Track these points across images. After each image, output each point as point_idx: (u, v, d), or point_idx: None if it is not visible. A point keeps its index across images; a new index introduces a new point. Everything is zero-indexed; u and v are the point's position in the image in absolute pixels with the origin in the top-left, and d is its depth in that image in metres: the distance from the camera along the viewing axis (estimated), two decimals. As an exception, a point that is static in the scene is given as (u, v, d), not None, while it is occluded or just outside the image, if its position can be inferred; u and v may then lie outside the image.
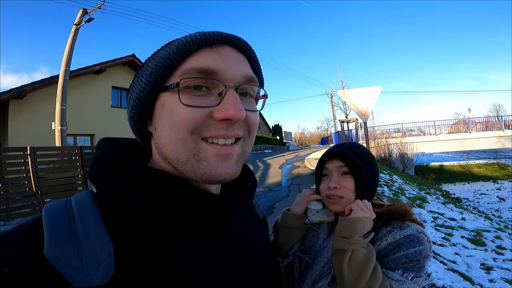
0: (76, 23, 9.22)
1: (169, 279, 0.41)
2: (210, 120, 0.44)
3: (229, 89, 0.45)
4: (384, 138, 16.31)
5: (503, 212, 11.02)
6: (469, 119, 22.02)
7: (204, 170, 0.44)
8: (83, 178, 6.81)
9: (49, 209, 0.41)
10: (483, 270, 3.43)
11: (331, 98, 27.81)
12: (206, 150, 0.44)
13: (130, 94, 0.52)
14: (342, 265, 0.77)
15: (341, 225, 0.82)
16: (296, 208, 0.96)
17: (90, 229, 0.39)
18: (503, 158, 28.35)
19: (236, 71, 0.46)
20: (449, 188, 15.91)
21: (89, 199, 0.44)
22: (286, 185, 8.39)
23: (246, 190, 0.56)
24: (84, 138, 12.66)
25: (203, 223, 0.48)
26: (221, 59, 0.46)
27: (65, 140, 8.90)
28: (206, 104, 0.44)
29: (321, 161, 0.95)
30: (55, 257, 0.35)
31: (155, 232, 0.44)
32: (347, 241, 0.78)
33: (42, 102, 10.64)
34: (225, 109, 0.43)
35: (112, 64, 13.42)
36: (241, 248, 0.54)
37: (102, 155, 0.49)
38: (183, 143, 0.44)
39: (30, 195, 5.85)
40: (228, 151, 0.45)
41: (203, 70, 0.44)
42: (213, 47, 0.47)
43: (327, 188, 0.90)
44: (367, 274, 0.75)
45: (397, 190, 7.47)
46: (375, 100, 7.49)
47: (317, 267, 0.87)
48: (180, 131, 0.44)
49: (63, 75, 8.94)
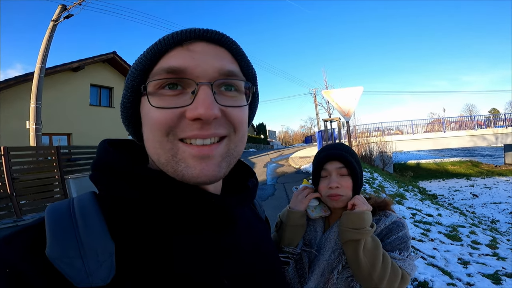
0: (54, 19, 8.81)
1: (171, 279, 0.41)
2: (184, 120, 0.43)
3: (201, 86, 0.43)
4: (365, 137, 16.75)
5: (477, 208, 11.55)
6: (443, 118, 22.91)
7: (182, 172, 0.43)
8: (60, 179, 6.55)
9: (51, 210, 0.41)
10: (460, 265, 3.59)
11: (315, 98, 28.15)
12: (184, 151, 0.43)
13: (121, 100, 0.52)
14: (358, 253, 0.86)
15: (350, 219, 0.90)
16: (299, 206, 1.01)
17: (91, 230, 0.39)
18: (476, 156, 29.84)
19: (207, 66, 0.44)
20: (426, 185, 16.49)
21: (91, 199, 0.44)
22: (271, 183, 8.44)
23: (247, 190, 0.56)
24: (60, 138, 12.14)
25: (205, 223, 0.48)
26: (190, 56, 0.44)
27: (40, 139, 8.51)
28: (179, 104, 0.43)
29: (320, 162, 1.01)
30: (57, 257, 0.35)
31: (157, 232, 0.44)
32: (360, 231, 0.87)
33: (16, 100, 10.12)
34: (194, 108, 0.42)
35: (92, 62, 12.92)
36: (244, 247, 0.54)
37: (104, 157, 0.48)
38: (160, 145, 0.44)
39: (5, 197, 5.57)
40: (206, 152, 0.43)
41: (170, 69, 0.43)
42: (183, 45, 0.45)
43: (329, 188, 0.97)
44: (380, 258, 0.87)
45: (377, 187, 7.70)
46: (357, 100, 7.64)
47: (323, 258, 0.95)
48: (156, 133, 0.44)
49: (38, 72, 8.54)
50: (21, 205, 5.76)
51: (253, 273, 0.53)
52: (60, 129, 11.82)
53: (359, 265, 0.86)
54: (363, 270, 0.86)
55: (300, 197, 1.02)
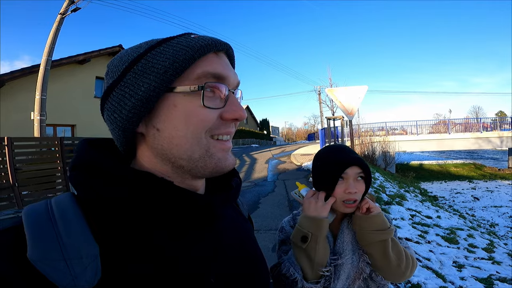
0: (61, 13, 8.82)
1: (158, 279, 0.42)
2: (219, 120, 0.49)
3: (231, 93, 0.51)
4: (368, 136, 16.68)
5: (477, 211, 11.48)
6: (449, 120, 22.66)
7: (216, 164, 0.49)
8: (63, 170, 6.60)
9: (28, 212, 0.40)
10: (455, 268, 3.59)
11: (319, 95, 28.07)
12: (215, 146, 0.49)
13: (124, 93, 0.47)
14: (388, 252, 0.92)
15: (373, 221, 0.94)
16: (323, 213, 0.95)
17: (73, 232, 0.39)
18: (480, 159, 29.53)
19: (235, 77, 0.53)
20: (427, 186, 16.38)
21: (70, 201, 0.43)
22: (272, 180, 8.46)
23: (231, 189, 0.57)
24: (64, 129, 12.26)
25: (190, 223, 0.49)
26: (226, 66, 0.51)
27: (44, 130, 8.58)
28: (217, 106, 0.48)
29: (341, 167, 0.97)
30: (39, 260, 0.35)
31: (142, 233, 0.44)
32: (386, 231, 0.93)
33: (21, 92, 10.20)
34: (233, 111, 0.50)
35: (97, 54, 12.97)
36: (229, 246, 0.55)
37: (83, 157, 0.48)
38: (199, 141, 0.47)
39: (7, 187, 5.62)
40: (228, 145, 0.52)
41: (217, 75, 0.48)
42: (217, 53, 0.51)
43: (347, 193, 0.96)
44: (402, 249, 0.95)
45: (378, 188, 7.68)
46: (361, 99, 7.61)
47: (347, 262, 0.96)
48: (198, 131, 0.47)
49: (45, 64, 8.58)
50: (23, 195, 5.81)
51: (238, 271, 0.54)
52: (64, 120, 11.92)
53: (390, 261, 0.92)
54: (393, 265, 0.92)
55: (320, 203, 0.96)
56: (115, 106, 0.48)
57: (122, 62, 0.49)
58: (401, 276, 0.95)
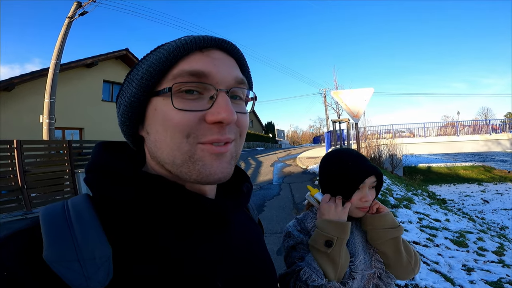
0: (69, 16, 9.01)
1: (167, 282, 0.42)
2: (203, 123, 0.45)
3: (220, 93, 0.45)
4: (374, 138, 16.52)
5: (487, 214, 11.28)
6: (457, 122, 22.34)
7: (199, 170, 0.45)
8: (71, 172, 6.69)
9: (46, 213, 0.41)
10: (464, 271, 3.52)
11: (324, 98, 27.96)
12: (202, 150, 0.45)
13: (120, 99, 0.51)
14: (400, 249, 0.97)
15: (385, 220, 0.99)
16: (344, 217, 0.97)
17: (88, 233, 0.39)
18: (489, 161, 29.03)
19: (226, 74, 0.47)
20: (435, 189, 16.18)
21: (86, 202, 0.44)
22: (277, 183, 8.43)
23: (241, 194, 0.57)
24: (72, 132, 12.45)
25: (200, 226, 0.49)
26: (212, 62, 0.46)
27: (53, 133, 8.72)
28: (198, 108, 0.45)
29: (361, 176, 0.99)
30: (55, 260, 0.35)
31: (153, 235, 0.45)
32: (397, 229, 0.97)
33: (31, 95, 10.41)
34: (217, 112, 0.44)
35: (105, 58, 13.21)
36: (238, 250, 0.55)
37: (98, 160, 0.49)
38: (178, 147, 0.44)
39: (16, 189, 5.71)
40: (222, 150, 0.46)
41: (195, 73, 0.45)
42: (203, 51, 0.47)
43: (364, 201, 1.00)
44: (412, 249, 1.01)
45: (385, 191, 7.59)
46: (367, 101, 7.56)
47: (360, 262, 0.97)
48: (175, 135, 0.44)
49: (53, 68, 8.76)
50: (31, 197, 5.89)
51: (246, 275, 0.54)
52: (73, 124, 12.12)
53: (402, 257, 0.96)
54: (404, 262, 0.96)
55: (340, 208, 0.98)
56: (117, 111, 0.52)
57: (128, 71, 0.52)
58: (411, 272, 0.99)
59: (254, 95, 0.54)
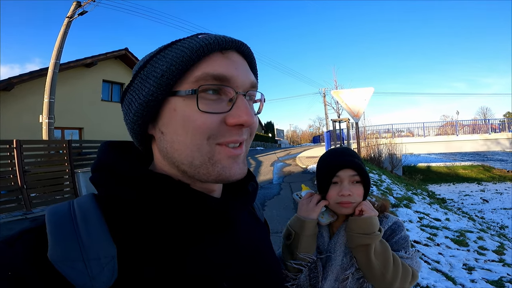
0: (68, 16, 9.00)
1: (172, 282, 0.42)
2: (223, 125, 0.45)
3: (239, 95, 0.46)
4: (374, 138, 16.54)
5: (486, 213, 11.30)
6: (456, 121, 22.44)
7: (219, 172, 0.46)
8: (71, 172, 6.69)
9: (52, 213, 0.41)
10: (465, 270, 3.53)
11: (324, 97, 27.97)
12: (220, 153, 0.46)
13: (132, 97, 0.49)
14: (370, 257, 0.89)
15: (359, 224, 0.92)
16: (311, 214, 0.98)
17: (93, 233, 0.39)
18: (489, 160, 29.09)
19: (245, 78, 0.48)
20: (435, 189, 16.21)
21: (92, 202, 0.44)
22: (277, 183, 8.42)
23: (247, 193, 0.57)
24: (72, 132, 12.42)
25: (206, 226, 0.49)
26: (233, 66, 0.47)
27: (52, 133, 8.72)
28: (219, 110, 0.45)
29: (333, 169, 0.98)
30: (60, 260, 0.36)
31: (158, 235, 0.44)
32: (370, 236, 0.89)
33: (30, 95, 10.39)
34: (238, 115, 0.45)
35: (104, 58, 13.18)
36: (243, 250, 0.55)
37: (104, 159, 0.49)
38: (199, 148, 0.45)
39: (16, 189, 5.72)
40: (238, 152, 0.47)
41: (218, 77, 0.45)
42: (223, 52, 0.47)
43: (340, 195, 0.96)
44: (391, 259, 0.90)
45: (385, 190, 7.60)
46: (367, 101, 7.58)
47: (336, 263, 0.95)
48: (197, 137, 0.44)
49: (53, 68, 8.75)
50: (31, 198, 5.90)
51: (251, 275, 0.53)
52: (72, 123, 12.09)
53: (372, 268, 0.89)
54: (376, 273, 0.89)
55: (311, 205, 0.98)
56: (126, 109, 0.50)
57: (136, 67, 0.50)
58: (388, 286, 0.90)
59: (262, 96, 0.55)
